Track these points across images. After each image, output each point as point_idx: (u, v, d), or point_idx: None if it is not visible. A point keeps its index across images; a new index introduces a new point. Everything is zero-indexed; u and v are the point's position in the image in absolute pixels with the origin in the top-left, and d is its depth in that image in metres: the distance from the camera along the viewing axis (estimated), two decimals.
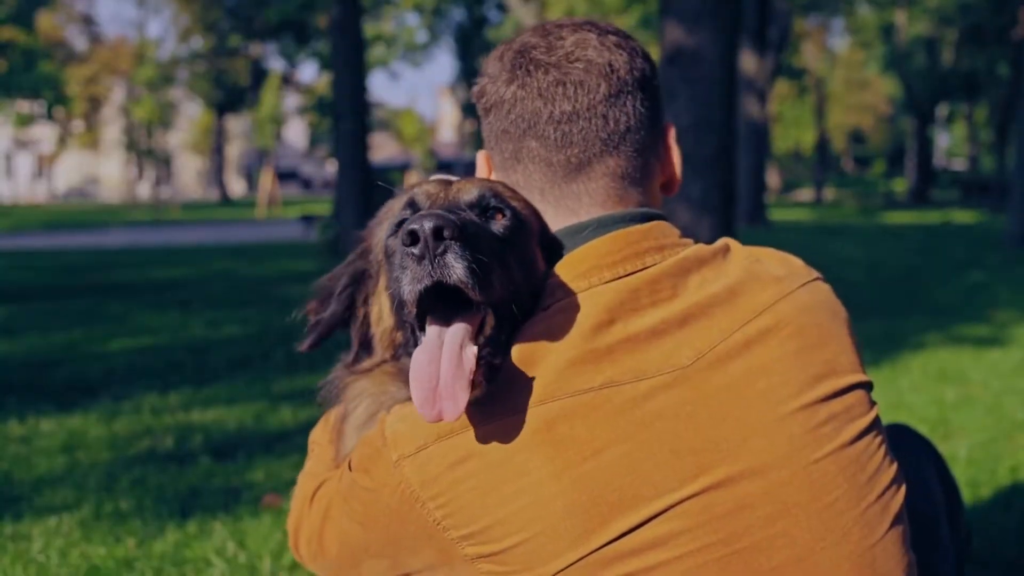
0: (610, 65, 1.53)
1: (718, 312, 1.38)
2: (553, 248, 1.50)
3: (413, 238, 1.21)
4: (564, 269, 1.42)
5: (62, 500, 3.77)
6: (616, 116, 1.53)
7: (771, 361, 1.35)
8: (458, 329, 1.28)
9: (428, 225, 1.20)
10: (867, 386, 1.45)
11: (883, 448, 1.41)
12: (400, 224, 1.41)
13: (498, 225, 1.40)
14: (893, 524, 1.37)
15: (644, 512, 1.26)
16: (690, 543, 1.26)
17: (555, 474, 1.26)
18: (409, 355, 1.38)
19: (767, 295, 1.42)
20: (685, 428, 1.29)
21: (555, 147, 1.53)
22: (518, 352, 1.33)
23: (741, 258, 1.48)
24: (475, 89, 1.63)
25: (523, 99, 1.54)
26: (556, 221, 1.54)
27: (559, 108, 1.52)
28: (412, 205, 1.44)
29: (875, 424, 1.42)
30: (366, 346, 1.55)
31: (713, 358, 1.33)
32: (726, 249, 1.50)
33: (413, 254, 1.22)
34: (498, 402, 1.29)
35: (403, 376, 1.43)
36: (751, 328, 1.37)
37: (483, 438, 1.29)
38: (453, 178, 1.52)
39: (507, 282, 1.32)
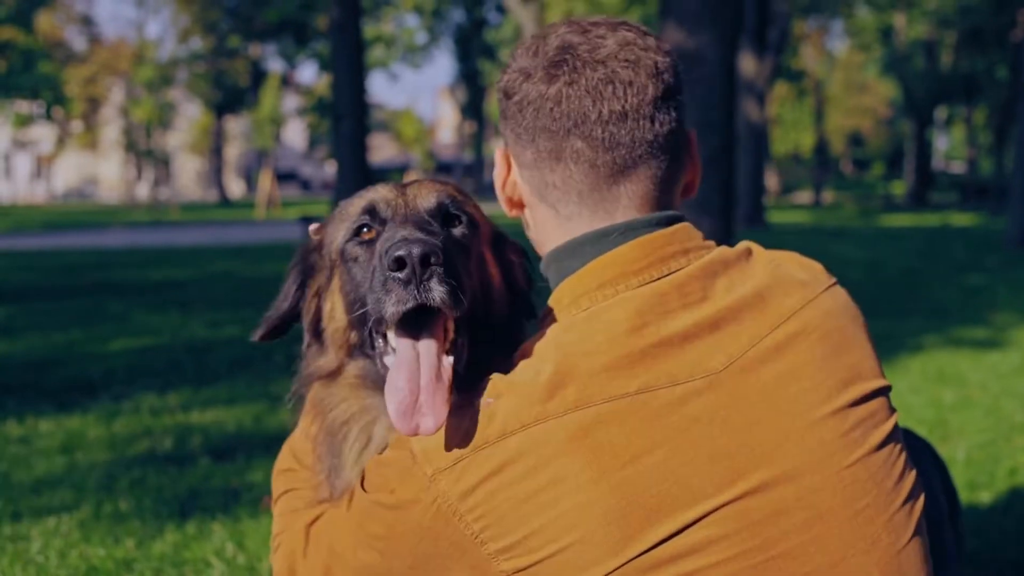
0: (656, 66, 1.50)
1: (747, 317, 1.38)
2: (502, 249, 1.54)
3: (400, 264, 1.24)
4: (589, 277, 1.42)
5: (61, 501, 3.77)
6: (662, 119, 1.50)
7: (801, 366, 1.36)
8: (432, 343, 1.31)
9: (416, 252, 1.23)
10: (888, 391, 1.46)
11: (904, 454, 1.42)
12: (359, 229, 1.44)
13: (457, 230, 1.44)
14: (916, 530, 1.37)
15: (682, 519, 1.25)
16: (727, 549, 1.26)
17: (592, 480, 1.24)
18: (365, 356, 1.42)
19: (793, 300, 1.42)
20: (720, 433, 1.28)
21: (602, 148, 1.48)
22: (552, 359, 1.31)
23: (764, 262, 1.48)
24: (503, 84, 1.56)
25: (570, 97, 1.47)
26: (591, 224, 1.51)
27: (608, 107, 1.46)
28: (371, 211, 1.45)
29: (896, 430, 1.43)
30: (318, 337, 1.56)
31: (745, 363, 1.33)
32: (748, 252, 1.50)
33: (399, 279, 1.25)
34: (534, 408, 1.28)
35: (370, 382, 1.45)
36: (780, 333, 1.37)
37: (519, 446, 1.27)
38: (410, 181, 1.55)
39: (470, 290, 1.35)
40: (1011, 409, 5.25)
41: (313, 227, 1.62)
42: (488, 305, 1.44)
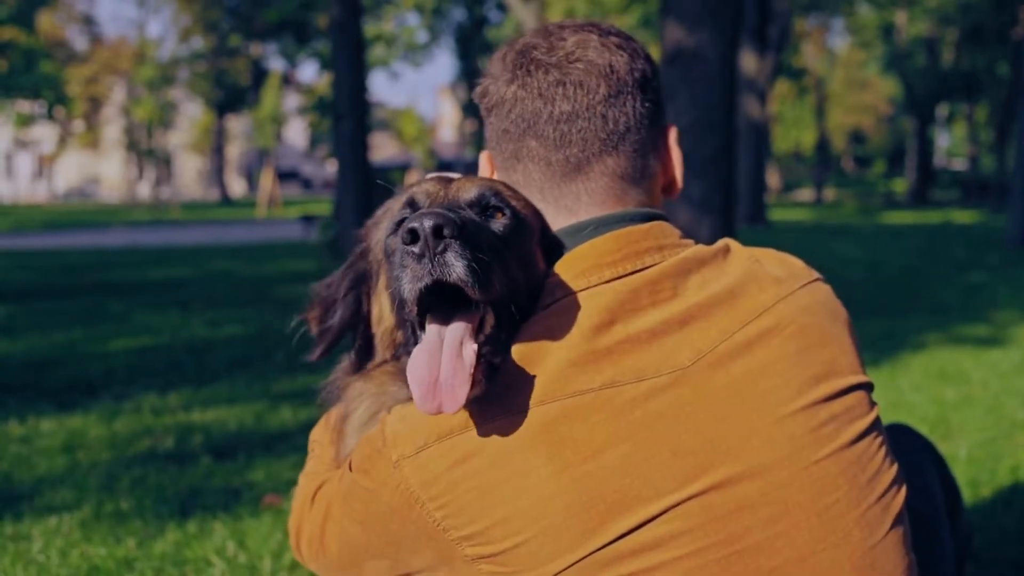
0: (610, 66, 1.53)
1: (718, 313, 1.37)
2: (553, 248, 1.49)
3: (413, 236, 1.20)
4: (564, 268, 1.42)
5: (62, 500, 3.77)
6: (615, 116, 1.53)
7: (772, 362, 1.35)
8: (458, 327, 1.28)
9: (428, 223, 1.19)
10: (867, 387, 1.44)
11: (883, 449, 1.41)
12: (400, 223, 1.41)
13: (498, 224, 1.39)
14: (893, 525, 1.37)
15: (644, 513, 1.26)
16: (690, 544, 1.26)
17: (555, 474, 1.26)
18: (409, 354, 1.37)
19: (767, 296, 1.42)
20: (685, 429, 1.29)
21: (554, 146, 1.53)
22: (518, 352, 1.32)
23: (741, 259, 1.48)
24: (478, 89, 1.63)
25: (523, 99, 1.54)
26: (556, 221, 1.54)
27: (558, 108, 1.52)
28: (411, 204, 1.43)
29: (875, 425, 1.42)
30: (367, 346, 1.54)
31: (713, 359, 1.33)
32: (726, 250, 1.49)
33: (413, 252, 1.21)
34: (498, 402, 1.29)
35: (404, 376, 1.42)
36: (751, 329, 1.37)
37: (483, 438, 1.28)
38: (454, 175, 1.51)
39: (507, 281, 1.31)
40: (1012, 407, 5.25)
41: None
42: (536, 302, 1.40)
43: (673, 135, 1.66)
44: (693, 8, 6.81)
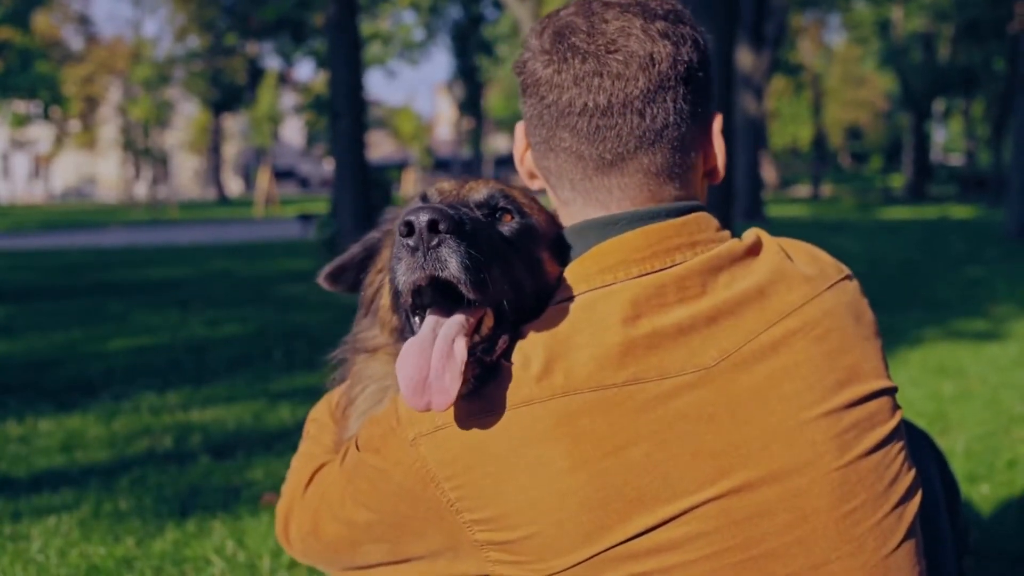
0: (651, 57, 1.43)
1: (746, 312, 1.35)
2: (565, 255, 1.48)
3: (409, 229, 1.21)
4: (591, 262, 1.40)
5: (61, 500, 3.77)
6: (653, 113, 1.44)
7: (796, 364, 1.34)
8: (453, 323, 1.28)
9: (424, 217, 1.20)
10: (891, 391, 1.43)
11: (902, 455, 1.40)
12: None
13: (505, 226, 1.39)
14: (907, 536, 1.36)
15: (661, 513, 1.24)
16: (707, 547, 1.25)
17: (572, 468, 1.24)
18: (404, 340, 1.38)
19: (795, 296, 1.39)
20: (707, 430, 1.27)
21: (587, 141, 1.45)
22: (542, 342, 1.31)
23: (771, 254, 1.45)
24: (517, 61, 1.55)
25: (558, 86, 1.45)
26: (586, 212, 1.50)
27: (593, 101, 1.43)
28: (424, 198, 1.45)
29: (896, 431, 1.40)
30: (372, 313, 1.57)
31: (738, 359, 1.31)
32: (757, 245, 1.46)
33: (408, 245, 1.22)
34: (520, 390, 1.28)
35: None
36: (778, 330, 1.35)
37: (504, 424, 1.27)
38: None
39: (508, 282, 1.31)
40: (1010, 401, 5.26)
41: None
42: (543, 306, 1.39)
43: (717, 124, 1.57)
44: (690, 4, 6.80)
